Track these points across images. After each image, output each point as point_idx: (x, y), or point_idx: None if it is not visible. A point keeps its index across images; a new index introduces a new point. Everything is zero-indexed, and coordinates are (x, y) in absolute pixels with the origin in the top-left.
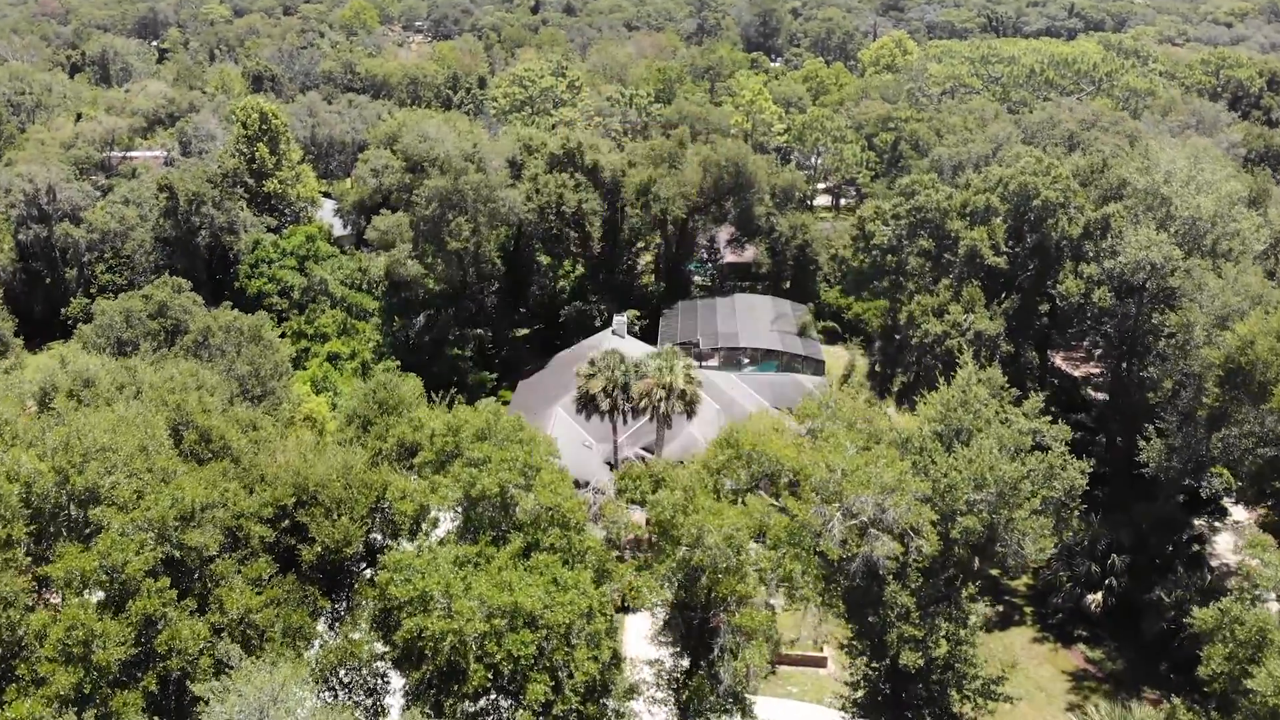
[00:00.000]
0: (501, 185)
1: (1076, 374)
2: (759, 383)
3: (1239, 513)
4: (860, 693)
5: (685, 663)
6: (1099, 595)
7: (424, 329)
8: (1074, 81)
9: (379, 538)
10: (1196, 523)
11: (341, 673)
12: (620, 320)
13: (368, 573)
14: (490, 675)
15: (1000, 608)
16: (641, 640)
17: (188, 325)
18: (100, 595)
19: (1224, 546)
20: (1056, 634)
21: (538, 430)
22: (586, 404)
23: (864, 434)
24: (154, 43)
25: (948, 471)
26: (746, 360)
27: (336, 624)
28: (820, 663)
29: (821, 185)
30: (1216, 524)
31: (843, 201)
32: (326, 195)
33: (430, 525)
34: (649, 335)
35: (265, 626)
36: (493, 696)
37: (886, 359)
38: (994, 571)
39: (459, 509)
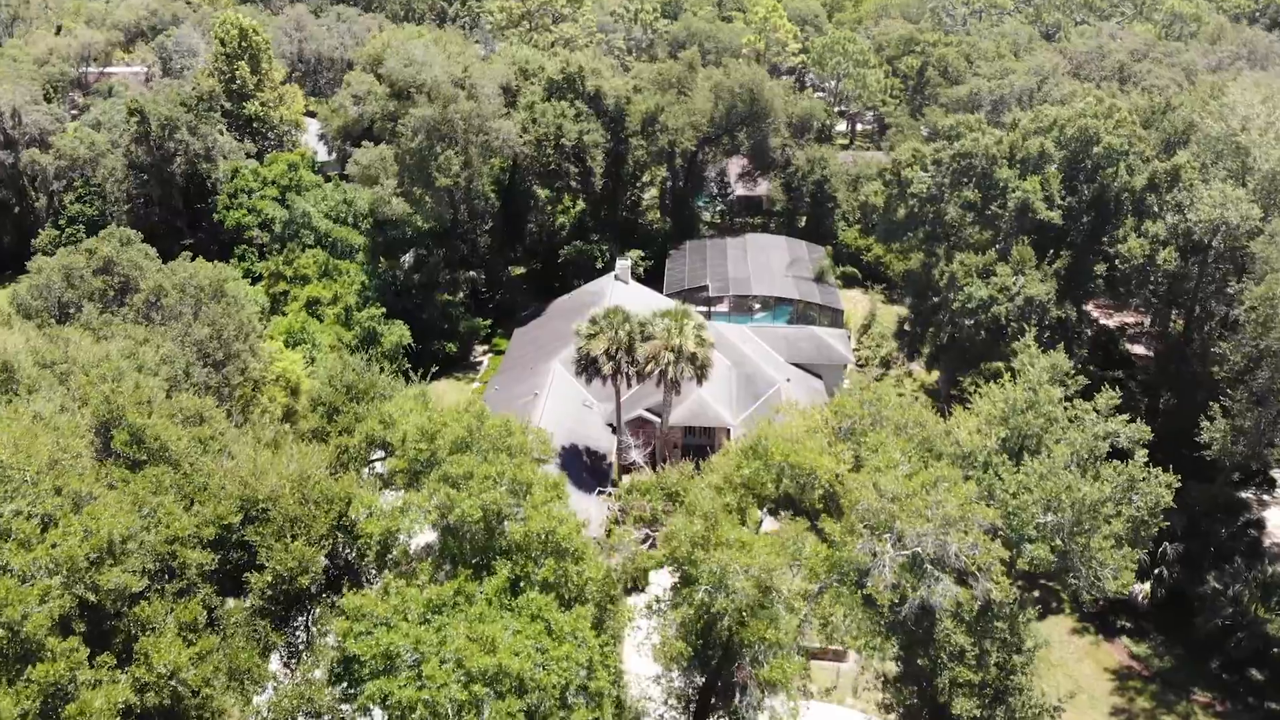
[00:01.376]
0: (495, 115)
1: (1110, 323)
2: (773, 336)
3: None
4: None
5: (699, 679)
6: (1147, 585)
7: (412, 269)
8: (1112, 3)
9: (345, 554)
10: (1244, 496)
11: None
12: (623, 264)
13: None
14: None
15: (1037, 593)
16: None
17: (138, 283)
18: None
19: (1275, 523)
20: (1098, 625)
21: (528, 428)
22: (587, 366)
23: (915, 441)
24: None
25: (1016, 492)
26: (758, 306)
27: (294, 660)
28: (840, 656)
29: (837, 108)
30: (1265, 497)
31: (859, 127)
32: (311, 115)
33: (400, 554)
34: (654, 277)
35: (199, 686)
36: None
37: (919, 317)
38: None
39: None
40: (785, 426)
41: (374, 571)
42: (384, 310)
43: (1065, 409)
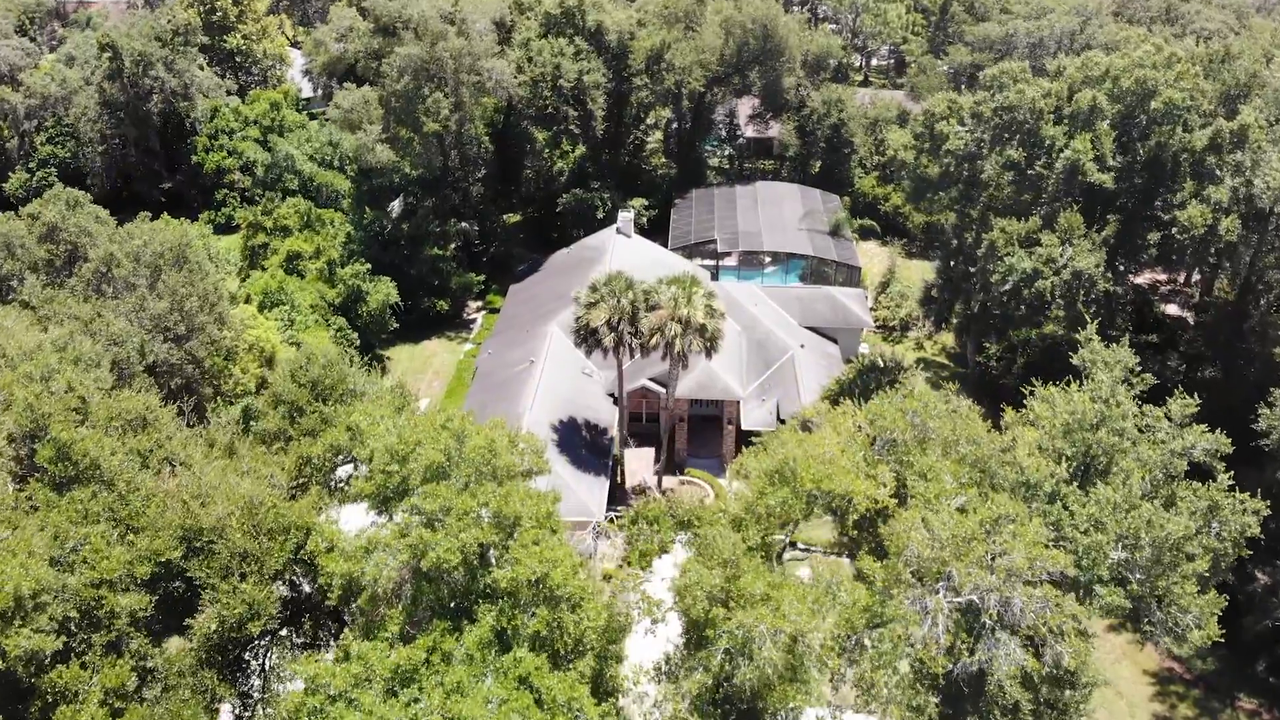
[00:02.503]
0: (487, 53)
1: (1139, 280)
2: (785, 297)
3: None
4: None
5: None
6: None
7: (401, 218)
8: None
9: (305, 588)
10: None
11: None
12: (625, 216)
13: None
14: None
15: None
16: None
17: (87, 251)
18: None
19: None
20: (1135, 621)
21: (517, 437)
22: (586, 338)
23: (968, 463)
24: None
25: (1089, 529)
26: (769, 260)
27: (247, 714)
28: None
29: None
30: None
31: (873, 62)
32: (296, 46)
33: (366, 601)
34: (658, 227)
35: None
36: None
37: (947, 283)
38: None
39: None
40: (816, 441)
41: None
42: (369, 267)
43: (1134, 417)
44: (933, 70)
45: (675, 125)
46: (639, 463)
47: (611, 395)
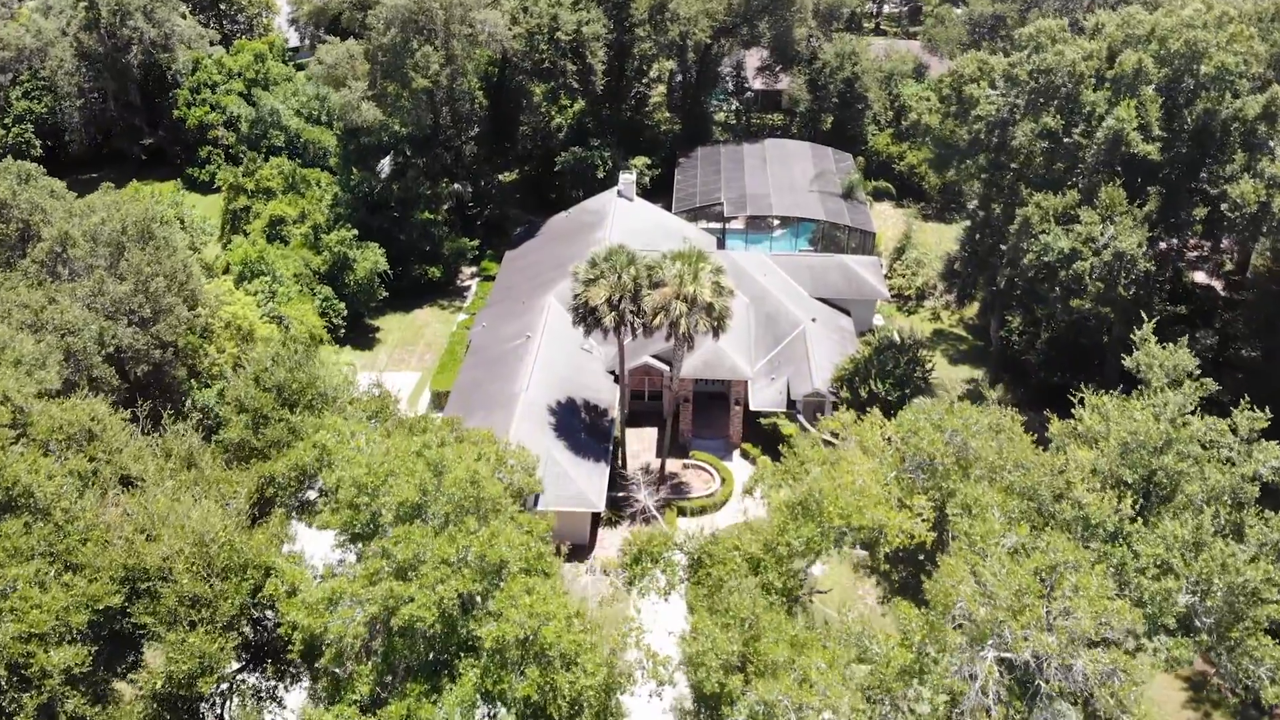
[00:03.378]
0: (480, 3)
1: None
2: (796, 266)
3: None
4: None
5: None
6: None
7: (391, 178)
8: None
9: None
10: None
11: None
12: (627, 178)
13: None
14: None
15: None
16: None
17: (41, 230)
18: None
19: None
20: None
21: (505, 453)
22: (585, 317)
23: (1016, 491)
24: None
25: (1158, 575)
26: (778, 223)
27: None
28: None
29: None
30: None
31: (885, 9)
32: None
33: (331, 660)
34: (662, 188)
35: None
36: None
37: (973, 256)
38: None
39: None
40: (844, 467)
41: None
42: (355, 233)
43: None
44: (950, 20)
45: (679, 78)
46: (641, 444)
47: (612, 372)
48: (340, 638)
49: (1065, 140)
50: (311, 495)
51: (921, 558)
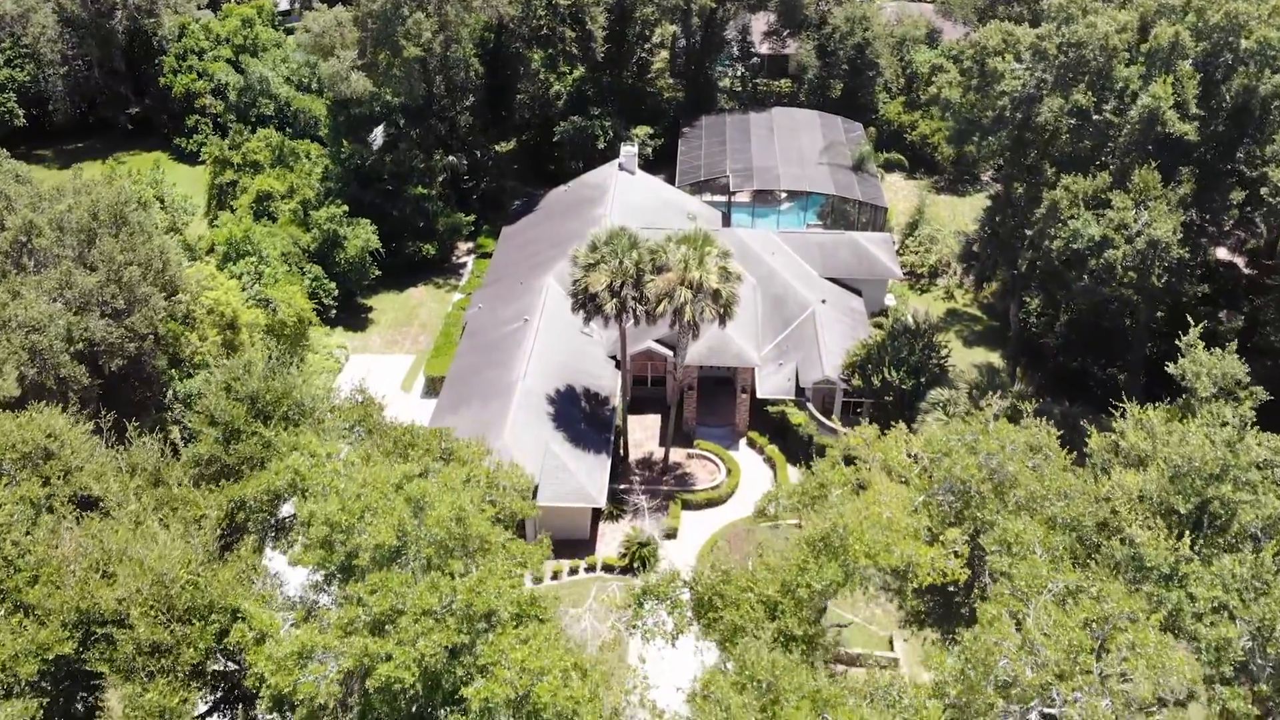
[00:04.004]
0: None
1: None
2: (805, 244)
3: None
4: None
5: None
6: None
7: (383, 150)
8: None
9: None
10: None
11: None
12: (629, 150)
13: None
14: None
15: None
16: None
17: (3, 218)
18: None
19: None
20: None
21: (496, 473)
22: (585, 303)
23: (1058, 524)
24: None
25: (1216, 621)
26: (785, 196)
27: None
28: (890, 664)
29: None
30: None
31: None
32: None
33: (304, 717)
34: (665, 159)
35: None
36: None
37: (993, 237)
38: None
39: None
40: (870, 497)
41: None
42: (346, 209)
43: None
44: None
45: (683, 44)
46: (644, 432)
47: (613, 357)
48: (311, 697)
49: (1095, 118)
50: (288, 509)
51: (952, 590)
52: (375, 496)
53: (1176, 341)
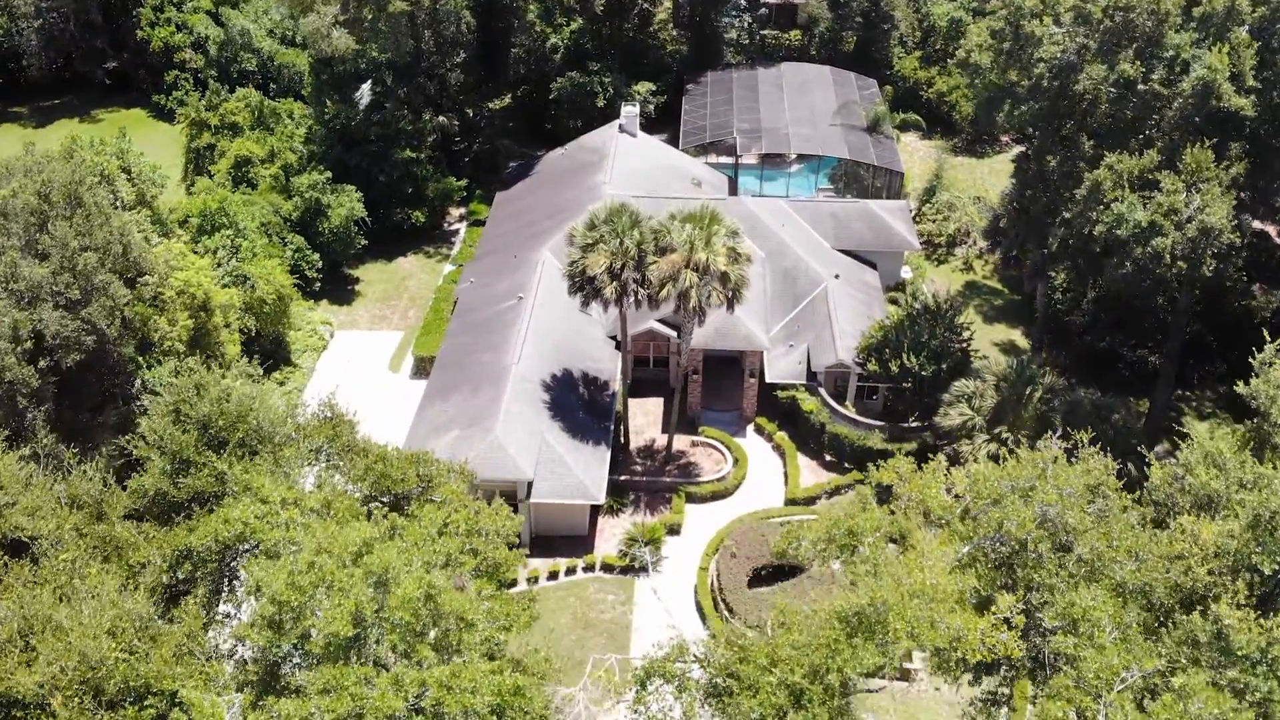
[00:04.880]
0: None
1: None
2: (817, 214)
3: None
4: None
5: None
6: None
7: (370, 109)
8: None
9: None
10: None
11: None
12: (630, 111)
13: None
14: None
15: None
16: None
17: None
18: None
19: None
20: None
21: (480, 517)
22: (583, 286)
23: (1129, 591)
24: None
25: None
26: (794, 157)
27: None
28: (905, 676)
29: None
30: None
31: None
32: None
33: None
34: (668, 118)
35: None
36: None
37: (1022, 214)
38: None
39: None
40: (912, 559)
41: None
42: (329, 175)
43: None
44: None
45: None
46: (645, 418)
47: (613, 338)
48: None
49: (1140, 88)
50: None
51: (1003, 664)
52: (331, 567)
53: (1198, 326)
